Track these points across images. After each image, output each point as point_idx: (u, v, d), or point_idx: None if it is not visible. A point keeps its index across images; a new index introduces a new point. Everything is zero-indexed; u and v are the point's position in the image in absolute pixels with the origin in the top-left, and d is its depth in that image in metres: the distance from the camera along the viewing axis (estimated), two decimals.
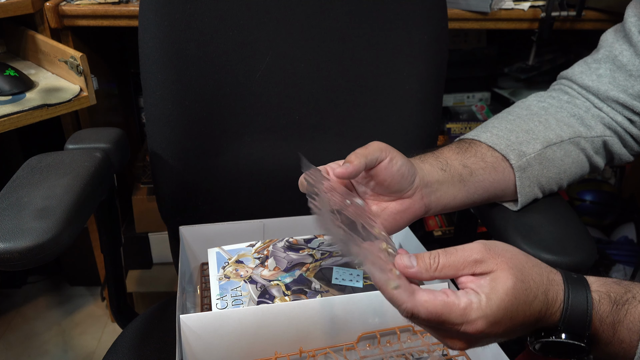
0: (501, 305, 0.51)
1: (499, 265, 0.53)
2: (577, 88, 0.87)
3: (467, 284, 0.53)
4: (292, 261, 0.78)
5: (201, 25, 0.93)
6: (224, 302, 0.71)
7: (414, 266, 0.54)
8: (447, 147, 0.80)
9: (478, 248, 0.54)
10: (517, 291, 0.52)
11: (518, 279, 0.52)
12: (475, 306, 0.51)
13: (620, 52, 0.83)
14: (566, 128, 0.82)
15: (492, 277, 0.52)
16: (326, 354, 0.69)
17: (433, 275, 0.54)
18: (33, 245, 0.62)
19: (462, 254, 0.54)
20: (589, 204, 1.74)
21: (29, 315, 1.78)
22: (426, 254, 0.54)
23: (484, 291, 0.52)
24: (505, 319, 0.52)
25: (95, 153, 0.83)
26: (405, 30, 0.99)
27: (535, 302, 0.53)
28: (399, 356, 0.70)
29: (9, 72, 1.15)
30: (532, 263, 0.55)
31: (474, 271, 0.53)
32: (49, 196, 0.71)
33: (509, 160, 0.78)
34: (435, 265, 0.54)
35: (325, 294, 0.72)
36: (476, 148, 0.79)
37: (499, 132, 0.81)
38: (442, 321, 0.51)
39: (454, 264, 0.54)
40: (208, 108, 0.97)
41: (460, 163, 0.76)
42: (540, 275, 0.55)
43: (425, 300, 0.51)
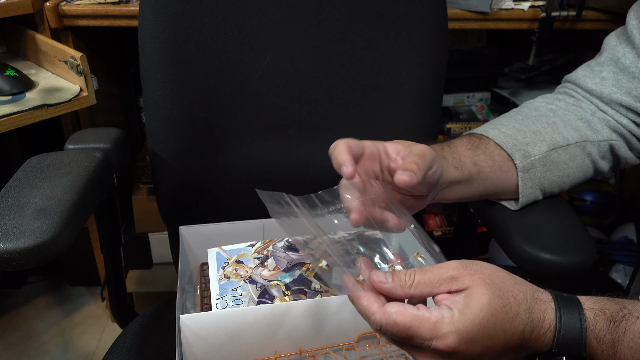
0: (475, 320, 0.50)
1: (475, 281, 0.52)
2: (580, 91, 0.87)
3: (442, 301, 0.52)
4: (292, 261, 0.78)
5: (201, 25, 0.93)
6: (223, 302, 0.71)
7: (389, 282, 0.53)
8: (459, 142, 0.80)
9: (454, 265, 0.53)
10: (494, 307, 0.50)
11: (495, 295, 0.51)
12: (446, 321, 0.50)
13: (623, 54, 0.83)
14: (573, 132, 0.82)
15: (467, 293, 0.51)
16: (326, 354, 0.69)
17: (408, 292, 0.53)
18: (33, 246, 0.62)
19: (438, 271, 0.53)
20: (589, 204, 1.74)
21: (29, 315, 1.78)
22: (402, 271, 0.54)
23: (457, 307, 0.51)
24: (482, 337, 0.50)
25: (95, 153, 0.83)
26: (405, 30, 0.99)
27: (516, 320, 0.51)
28: (399, 356, 0.70)
29: (9, 72, 1.15)
30: (514, 281, 0.54)
31: (450, 288, 0.52)
32: (49, 196, 0.70)
33: (514, 159, 0.78)
34: (411, 282, 0.53)
35: (325, 294, 0.72)
36: (486, 145, 0.80)
37: (507, 130, 0.81)
38: (411, 335, 0.50)
39: (430, 281, 0.53)
40: (208, 108, 0.97)
41: (471, 161, 0.76)
42: (523, 292, 0.53)
43: (394, 311, 0.50)
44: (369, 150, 0.66)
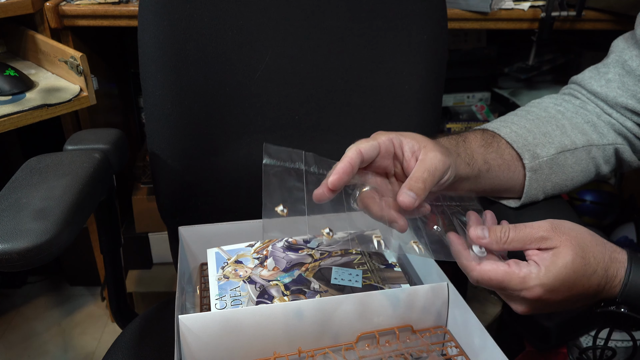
0: (558, 276, 0.58)
1: (563, 242, 0.59)
2: (586, 93, 0.88)
3: (532, 256, 0.61)
4: (291, 261, 0.78)
5: (201, 25, 0.93)
6: (222, 302, 0.71)
7: (486, 237, 0.62)
8: (472, 136, 0.80)
9: (545, 226, 0.61)
10: (576, 266, 0.58)
11: (578, 255, 0.59)
12: (533, 276, 0.59)
13: (630, 57, 0.83)
14: (580, 135, 0.83)
15: (554, 253, 0.59)
16: (325, 354, 0.69)
17: (502, 247, 0.62)
18: (31, 246, 0.62)
19: (530, 231, 0.61)
20: (589, 204, 1.74)
21: (29, 315, 1.78)
22: (498, 228, 0.62)
23: (545, 264, 0.59)
24: (563, 288, 0.59)
25: (94, 154, 0.83)
26: (405, 30, 0.99)
27: (593, 277, 0.60)
28: (398, 356, 0.70)
29: (9, 72, 1.15)
30: (596, 242, 0.61)
31: (540, 246, 0.60)
32: (48, 197, 0.70)
33: (523, 160, 0.80)
34: (505, 239, 0.61)
35: (324, 294, 0.72)
36: (497, 143, 0.80)
37: (518, 129, 0.82)
38: (504, 287, 0.60)
39: (522, 239, 0.61)
40: (208, 108, 0.97)
41: (483, 158, 0.77)
42: (602, 253, 0.60)
43: (488, 269, 0.60)
44: (385, 148, 0.67)
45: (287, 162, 0.67)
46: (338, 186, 0.61)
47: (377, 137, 0.67)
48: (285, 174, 0.67)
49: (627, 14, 1.34)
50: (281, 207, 0.63)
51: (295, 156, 0.68)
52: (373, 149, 0.65)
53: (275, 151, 0.67)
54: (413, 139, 0.68)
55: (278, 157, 0.67)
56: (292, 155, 0.68)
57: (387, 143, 0.67)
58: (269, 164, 0.66)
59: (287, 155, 0.68)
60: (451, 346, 0.73)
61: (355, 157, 0.63)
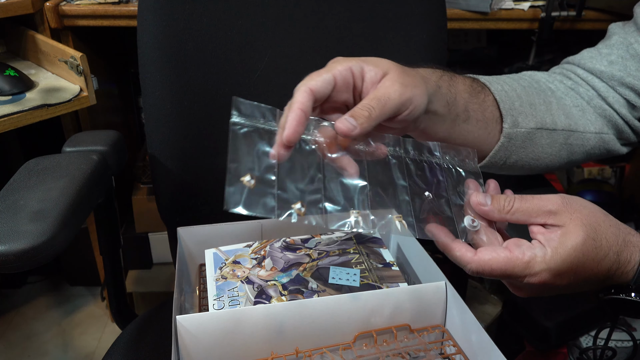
0: (567, 260, 0.53)
1: (573, 220, 0.54)
2: (582, 74, 0.84)
3: (537, 234, 0.55)
4: (289, 261, 0.78)
5: (200, 25, 0.93)
6: (220, 302, 0.71)
7: (488, 204, 0.57)
8: (462, 80, 0.73)
9: (555, 200, 0.55)
10: (587, 248, 0.53)
11: (589, 237, 0.53)
12: (539, 259, 0.53)
13: (636, 40, 0.80)
14: (564, 118, 0.80)
15: (563, 232, 0.53)
16: (322, 354, 0.69)
17: (504, 217, 0.56)
18: (28, 248, 0.62)
19: (538, 203, 0.55)
20: None
21: (29, 315, 1.78)
22: (502, 196, 0.57)
23: (552, 245, 0.53)
24: (570, 272, 0.53)
25: (92, 156, 0.83)
26: (405, 30, 0.99)
27: (605, 261, 0.54)
28: (396, 355, 0.70)
29: (9, 72, 1.15)
30: (609, 223, 0.55)
31: (546, 221, 0.55)
32: (45, 199, 0.71)
33: (504, 123, 0.75)
34: (509, 208, 0.56)
35: (322, 294, 0.72)
36: (484, 96, 0.75)
37: (509, 90, 0.77)
38: (507, 275, 0.54)
39: (528, 211, 0.55)
40: (207, 108, 0.97)
41: (464, 105, 0.70)
42: (615, 235, 0.55)
43: (488, 259, 0.54)
44: (342, 79, 0.57)
45: (259, 120, 0.59)
46: (294, 141, 0.54)
47: (332, 67, 0.58)
48: (256, 135, 0.58)
49: (627, 14, 1.34)
50: (248, 177, 0.56)
51: (269, 114, 0.60)
52: (326, 84, 0.56)
53: (246, 107, 0.59)
54: (376, 65, 0.59)
55: (249, 114, 0.59)
56: (265, 113, 0.59)
57: (345, 73, 0.58)
58: (237, 122, 0.59)
59: (259, 112, 0.59)
60: (449, 345, 0.73)
61: (306, 100, 0.55)
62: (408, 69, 0.61)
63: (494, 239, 0.58)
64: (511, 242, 0.56)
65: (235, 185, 0.55)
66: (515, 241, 0.55)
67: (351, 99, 0.60)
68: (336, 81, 0.57)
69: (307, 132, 0.59)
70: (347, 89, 0.59)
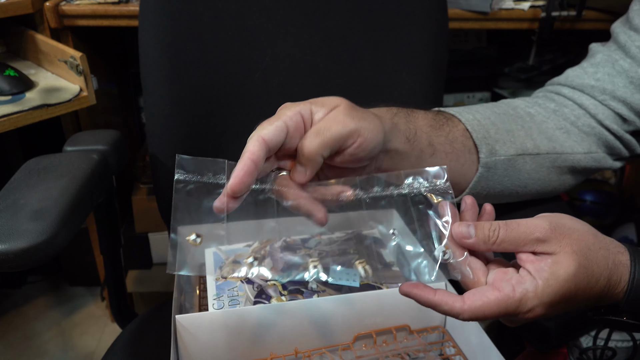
0: (559, 291, 0.50)
1: (563, 247, 0.51)
2: (568, 92, 0.82)
3: (526, 263, 0.52)
4: (289, 261, 0.78)
5: (201, 25, 0.93)
6: (220, 302, 0.71)
7: (472, 237, 0.53)
8: (422, 114, 0.71)
9: (542, 226, 0.51)
10: (578, 278, 0.50)
11: (581, 265, 0.51)
12: (531, 295, 0.50)
13: (621, 57, 0.79)
14: (546, 141, 0.78)
15: (554, 261, 0.51)
16: (322, 354, 0.69)
17: (490, 248, 0.53)
18: (28, 247, 0.62)
19: (525, 230, 0.52)
20: (589, 204, 1.74)
21: (29, 315, 1.78)
22: (486, 224, 0.53)
23: (543, 276, 0.50)
24: (562, 303, 0.51)
25: (92, 155, 0.83)
26: (406, 30, 0.99)
27: (596, 287, 0.52)
28: (395, 356, 0.70)
29: (8, 72, 1.15)
30: (599, 245, 0.53)
31: (535, 249, 0.52)
32: (45, 198, 0.71)
33: (479, 152, 0.72)
34: (494, 239, 0.52)
35: (322, 294, 0.72)
36: (451, 128, 0.72)
37: (481, 119, 0.75)
38: (501, 315, 0.51)
39: (514, 240, 0.52)
40: (208, 108, 0.97)
41: (428, 139, 0.68)
42: (605, 258, 0.53)
43: (479, 305, 0.50)
44: (293, 125, 0.55)
45: (206, 175, 0.56)
46: (240, 191, 0.51)
47: (282, 113, 0.55)
48: (203, 191, 0.55)
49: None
50: (194, 236, 0.54)
51: (217, 168, 0.56)
52: (278, 131, 0.54)
53: (190, 163, 0.56)
54: (324, 104, 0.57)
55: (194, 170, 0.56)
56: (213, 167, 0.56)
57: (295, 118, 0.55)
58: (182, 179, 0.55)
59: (205, 167, 0.56)
60: (449, 346, 0.73)
61: (257, 150, 0.52)
62: (358, 107, 0.59)
63: (478, 269, 0.54)
64: (497, 275, 0.53)
65: (180, 246, 0.53)
66: (502, 274, 0.53)
67: None
68: (288, 128, 0.54)
69: (264, 183, 0.57)
70: (300, 134, 0.56)
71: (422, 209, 0.57)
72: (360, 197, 0.57)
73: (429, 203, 0.57)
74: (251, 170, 0.51)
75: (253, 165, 0.51)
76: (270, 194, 0.56)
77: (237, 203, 0.53)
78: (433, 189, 0.58)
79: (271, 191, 0.56)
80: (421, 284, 0.53)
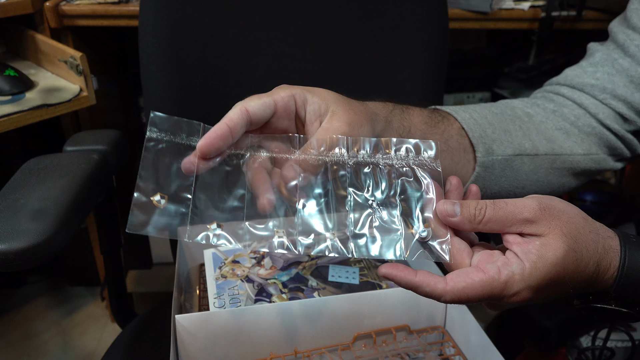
0: (547, 275, 0.48)
1: (552, 229, 0.49)
2: (568, 92, 0.81)
3: (513, 245, 0.50)
4: (289, 260, 0.78)
5: (201, 25, 0.93)
6: (221, 301, 0.71)
7: (457, 215, 0.51)
8: (418, 112, 0.70)
9: (532, 206, 0.49)
10: (567, 261, 0.48)
11: (570, 248, 0.49)
12: (517, 278, 0.48)
13: (620, 56, 0.78)
14: (545, 142, 0.77)
15: (542, 243, 0.49)
16: (321, 354, 0.69)
17: (476, 227, 0.51)
18: (28, 246, 0.62)
19: (513, 210, 0.50)
20: (589, 204, 1.74)
21: (29, 315, 1.78)
22: (472, 202, 0.51)
23: (530, 258, 0.48)
24: (550, 287, 0.49)
25: (93, 155, 0.83)
26: (406, 30, 0.99)
27: (585, 272, 0.50)
28: (395, 356, 0.70)
29: (8, 72, 1.15)
30: (589, 228, 0.51)
31: (522, 230, 0.50)
32: (45, 198, 0.71)
33: (476, 152, 0.72)
34: (480, 218, 0.50)
35: (322, 292, 0.72)
36: (446, 126, 0.72)
37: (478, 118, 0.74)
38: (485, 298, 0.49)
39: (502, 219, 0.50)
40: (208, 108, 0.97)
41: (422, 136, 0.67)
42: (595, 242, 0.51)
43: (462, 287, 0.48)
44: (283, 106, 0.55)
45: (178, 136, 0.54)
46: (209, 152, 0.51)
47: (275, 92, 0.55)
48: (174, 151, 0.53)
49: None
50: (158, 196, 0.51)
51: (192, 129, 0.54)
52: (265, 107, 0.53)
53: (163, 121, 0.53)
54: (321, 98, 0.56)
55: (167, 129, 0.53)
56: (187, 128, 0.54)
57: (287, 100, 0.55)
58: (153, 137, 0.53)
59: (179, 127, 0.54)
60: (448, 346, 0.73)
61: (237, 117, 0.52)
62: (355, 104, 0.58)
63: (462, 250, 0.52)
64: (483, 257, 0.51)
65: (143, 205, 0.50)
66: (487, 256, 0.51)
67: (293, 127, 0.58)
68: (277, 107, 0.54)
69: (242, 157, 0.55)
70: (289, 116, 0.56)
71: (407, 182, 0.54)
72: (344, 160, 0.54)
73: (416, 177, 0.55)
74: (224, 134, 0.50)
75: (227, 130, 0.51)
76: (243, 166, 0.54)
77: (206, 165, 0.52)
78: (421, 163, 0.56)
79: (245, 164, 0.54)
80: (401, 264, 0.49)
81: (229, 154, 0.54)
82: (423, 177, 0.55)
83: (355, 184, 0.54)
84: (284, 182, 0.53)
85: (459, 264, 0.51)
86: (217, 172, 0.53)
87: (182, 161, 0.51)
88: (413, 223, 0.52)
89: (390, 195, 0.54)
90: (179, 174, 0.52)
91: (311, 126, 0.56)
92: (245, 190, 0.53)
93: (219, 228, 0.51)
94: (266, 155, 0.55)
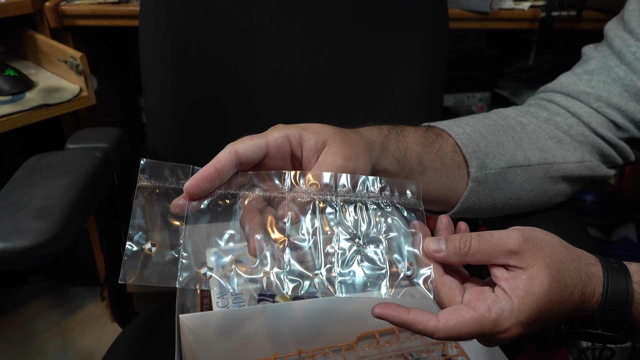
0: (535, 309, 0.50)
1: (536, 261, 0.51)
2: (561, 100, 0.81)
3: (500, 281, 0.51)
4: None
5: (201, 25, 0.93)
6: (224, 300, 0.71)
7: (443, 250, 0.52)
8: (412, 132, 0.71)
9: (515, 237, 0.51)
10: (552, 293, 0.50)
11: (554, 279, 0.50)
12: (507, 314, 0.49)
13: (616, 64, 0.78)
14: (537, 152, 0.77)
15: (528, 277, 0.50)
16: (325, 355, 0.69)
17: (463, 260, 0.52)
18: (32, 245, 0.62)
19: (497, 242, 0.51)
20: (589, 204, 1.74)
21: (29, 315, 1.78)
22: (457, 236, 0.52)
23: (519, 294, 0.50)
24: (538, 320, 0.50)
25: (96, 153, 0.83)
26: (406, 30, 0.99)
27: (570, 300, 0.51)
28: (398, 356, 0.70)
29: (9, 72, 1.15)
30: (571, 257, 0.53)
31: (508, 262, 0.51)
32: (49, 196, 0.71)
33: (469, 167, 0.73)
34: (466, 250, 0.51)
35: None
36: (440, 144, 0.72)
37: (471, 132, 0.75)
38: (476, 335, 0.50)
39: (487, 251, 0.51)
40: (208, 108, 0.97)
41: (418, 158, 0.68)
42: (578, 270, 0.52)
43: (454, 325, 0.49)
44: (276, 147, 0.55)
45: (169, 181, 0.54)
46: (194, 193, 0.51)
47: (269, 133, 0.55)
48: (164, 197, 0.53)
49: None
50: (149, 244, 0.51)
51: (181, 173, 0.54)
52: (256, 149, 0.54)
53: (154, 168, 0.54)
54: (316, 134, 0.56)
55: (157, 175, 0.54)
56: (177, 172, 0.54)
57: (281, 141, 0.55)
58: (144, 186, 0.53)
59: (169, 172, 0.54)
60: (451, 346, 0.73)
61: (225, 159, 0.52)
62: (350, 135, 0.59)
63: (454, 288, 0.53)
64: (473, 294, 0.52)
65: (135, 255, 0.50)
66: (478, 293, 0.52)
67: (288, 166, 0.58)
68: (269, 148, 0.55)
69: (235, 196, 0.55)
70: (282, 157, 0.56)
71: (392, 221, 0.55)
72: (330, 200, 0.55)
73: (401, 216, 0.56)
74: (211, 176, 0.51)
75: (215, 173, 0.51)
76: (235, 206, 0.55)
77: (197, 207, 0.53)
78: (405, 202, 0.57)
79: (237, 203, 0.55)
80: (393, 303, 0.51)
81: (219, 194, 0.54)
82: (407, 217, 0.56)
83: (342, 222, 0.54)
84: (275, 221, 0.54)
85: (451, 301, 0.52)
86: (208, 212, 0.53)
87: (171, 203, 0.52)
88: (398, 262, 0.53)
89: (376, 234, 0.55)
90: (169, 219, 0.52)
91: (309, 163, 0.56)
92: (236, 231, 0.54)
93: (210, 271, 0.52)
94: (258, 194, 0.55)
